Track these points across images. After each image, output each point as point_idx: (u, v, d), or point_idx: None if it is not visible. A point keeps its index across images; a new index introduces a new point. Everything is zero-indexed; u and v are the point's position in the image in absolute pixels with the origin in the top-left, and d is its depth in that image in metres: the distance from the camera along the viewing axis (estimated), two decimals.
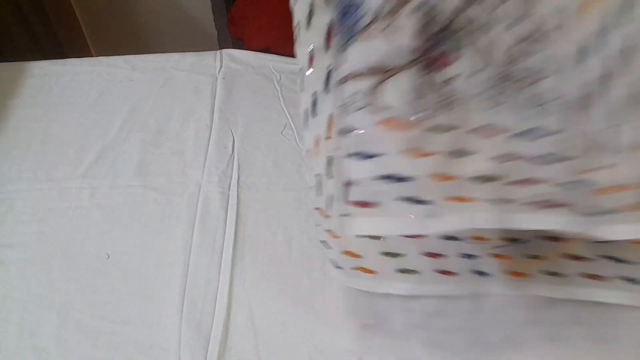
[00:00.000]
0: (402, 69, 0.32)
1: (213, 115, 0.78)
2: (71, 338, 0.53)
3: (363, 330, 0.46)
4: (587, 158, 0.32)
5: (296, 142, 0.73)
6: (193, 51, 0.90)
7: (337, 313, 0.45)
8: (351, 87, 0.33)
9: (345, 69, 0.33)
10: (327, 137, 0.37)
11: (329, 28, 0.35)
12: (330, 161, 0.37)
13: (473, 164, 0.33)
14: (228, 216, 0.64)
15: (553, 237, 0.42)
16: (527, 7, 0.31)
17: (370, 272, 0.43)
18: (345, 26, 0.33)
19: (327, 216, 0.40)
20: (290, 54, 0.86)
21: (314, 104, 0.40)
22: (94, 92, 0.82)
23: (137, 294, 0.56)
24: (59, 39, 1.49)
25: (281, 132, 0.75)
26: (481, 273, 0.45)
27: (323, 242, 0.43)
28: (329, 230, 0.41)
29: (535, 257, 0.43)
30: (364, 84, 0.32)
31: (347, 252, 0.43)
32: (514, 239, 0.42)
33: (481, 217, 0.33)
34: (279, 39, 0.84)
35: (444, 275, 0.45)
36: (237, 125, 0.76)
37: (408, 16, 0.31)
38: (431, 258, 0.44)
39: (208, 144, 0.73)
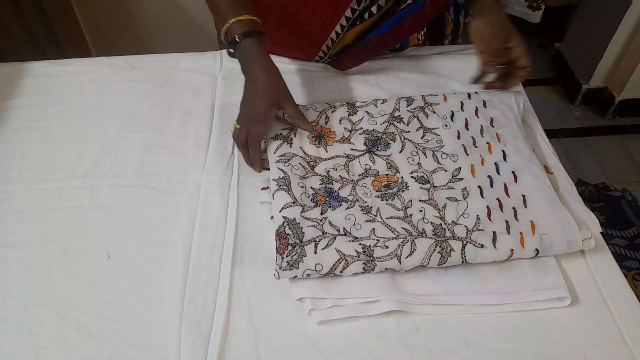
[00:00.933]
0: None
1: (213, 115, 0.78)
2: (71, 338, 0.53)
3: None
4: None
5: None
6: (193, 51, 0.90)
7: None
8: None
9: None
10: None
11: None
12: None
13: None
14: (228, 216, 0.64)
15: None
16: None
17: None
18: None
19: None
20: (292, 56, 0.86)
21: None
22: (94, 92, 0.82)
23: (137, 294, 0.56)
24: (59, 39, 1.49)
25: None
26: None
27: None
28: None
29: None
30: None
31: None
32: None
33: None
34: (280, 42, 0.84)
35: None
36: None
37: None
38: None
39: (208, 144, 0.73)
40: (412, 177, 0.65)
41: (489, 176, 0.64)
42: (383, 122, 0.72)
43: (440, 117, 0.72)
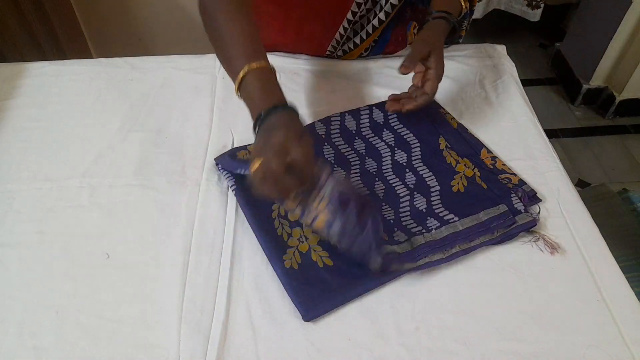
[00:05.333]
0: None
1: (212, 114, 0.78)
2: (71, 337, 0.53)
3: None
4: None
5: None
6: (193, 51, 0.90)
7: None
8: None
9: None
10: None
11: None
12: None
13: None
14: (227, 215, 0.64)
15: None
16: None
17: None
18: None
19: None
20: (294, 51, 0.86)
21: None
22: (94, 92, 0.82)
23: (137, 294, 0.56)
24: (59, 39, 1.49)
25: None
26: None
27: None
28: None
29: None
30: None
31: None
32: None
33: None
34: (282, 38, 0.84)
35: None
36: (236, 124, 0.76)
37: None
38: None
39: (208, 144, 0.73)
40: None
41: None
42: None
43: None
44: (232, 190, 0.65)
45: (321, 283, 0.56)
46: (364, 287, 0.56)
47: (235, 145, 0.73)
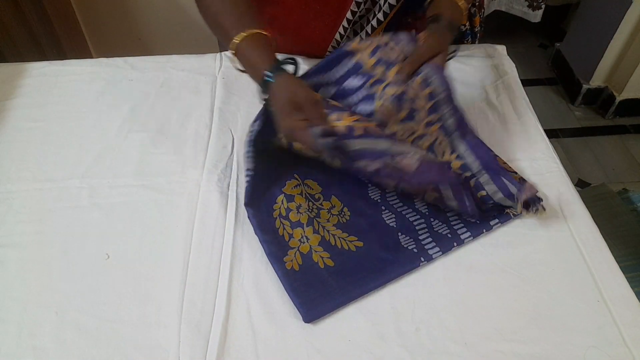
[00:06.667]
0: None
1: (212, 115, 0.78)
2: (70, 338, 0.53)
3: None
4: None
5: None
6: (193, 51, 0.90)
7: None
8: None
9: None
10: None
11: None
12: None
13: None
14: (227, 216, 0.64)
15: None
16: None
17: None
18: None
19: None
20: (294, 52, 0.86)
21: None
22: (94, 92, 0.82)
23: (137, 294, 0.56)
24: (59, 39, 1.49)
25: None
26: None
27: None
28: None
29: None
30: None
31: None
32: None
33: None
34: (285, 49, 0.85)
35: None
36: (236, 125, 0.76)
37: None
38: None
39: (207, 144, 0.73)
40: None
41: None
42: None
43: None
44: (246, 179, 0.63)
45: (322, 284, 0.56)
46: (364, 289, 0.56)
47: (235, 145, 0.73)
